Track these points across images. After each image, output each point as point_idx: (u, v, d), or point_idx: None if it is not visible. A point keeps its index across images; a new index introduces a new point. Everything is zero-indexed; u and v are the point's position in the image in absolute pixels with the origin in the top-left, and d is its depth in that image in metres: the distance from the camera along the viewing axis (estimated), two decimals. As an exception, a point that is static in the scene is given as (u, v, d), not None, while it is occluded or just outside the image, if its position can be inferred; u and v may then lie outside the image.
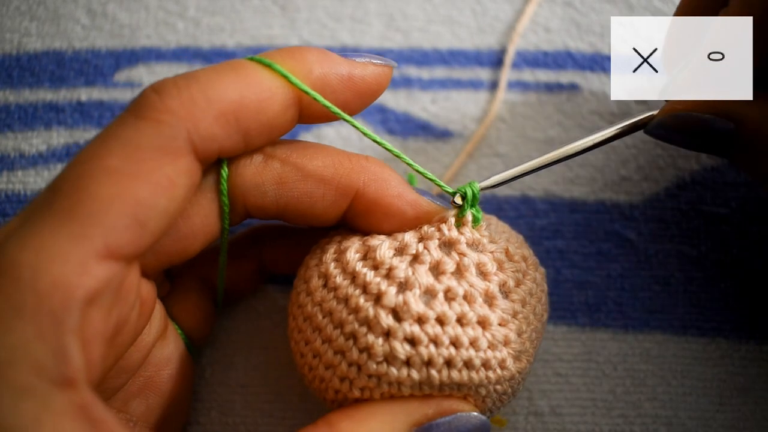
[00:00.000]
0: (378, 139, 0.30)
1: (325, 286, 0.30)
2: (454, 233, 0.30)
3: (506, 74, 0.41)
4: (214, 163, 0.28)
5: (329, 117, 0.29)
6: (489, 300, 0.29)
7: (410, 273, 0.28)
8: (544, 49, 0.41)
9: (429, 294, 0.28)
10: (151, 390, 0.31)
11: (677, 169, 0.39)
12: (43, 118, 0.40)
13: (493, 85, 0.41)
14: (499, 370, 0.29)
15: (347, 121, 0.29)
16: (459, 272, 0.29)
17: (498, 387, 0.29)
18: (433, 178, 0.30)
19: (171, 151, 0.25)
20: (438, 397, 0.28)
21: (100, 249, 0.23)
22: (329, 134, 0.40)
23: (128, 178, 0.24)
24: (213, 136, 0.26)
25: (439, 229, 0.30)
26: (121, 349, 0.27)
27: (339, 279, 0.29)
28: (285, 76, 0.27)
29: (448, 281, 0.28)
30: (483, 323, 0.28)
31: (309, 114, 0.29)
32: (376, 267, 0.29)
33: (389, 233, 0.30)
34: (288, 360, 0.35)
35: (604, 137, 0.32)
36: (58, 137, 0.40)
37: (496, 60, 0.41)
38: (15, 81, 0.41)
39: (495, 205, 0.39)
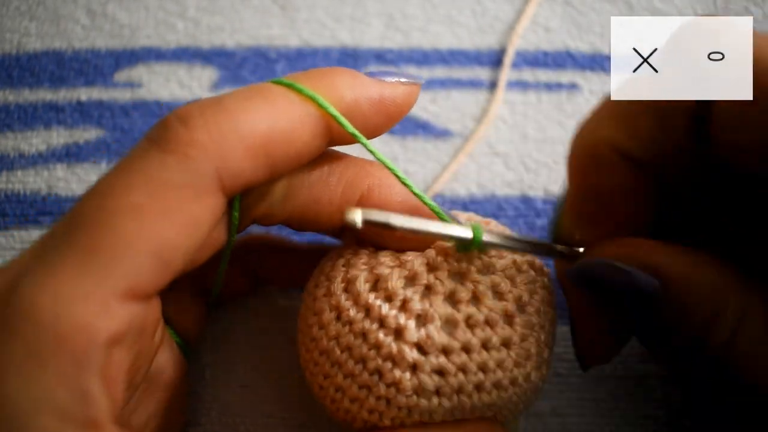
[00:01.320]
0: (401, 175, 0.28)
1: (338, 319, 0.29)
2: (464, 265, 0.29)
3: (505, 74, 0.41)
4: None
5: (354, 141, 0.28)
6: (509, 319, 0.28)
7: (428, 305, 0.28)
8: (544, 48, 0.41)
9: (450, 324, 0.28)
10: (151, 398, 0.30)
11: (677, 168, 0.39)
12: (42, 117, 0.40)
13: (493, 85, 0.41)
14: (524, 384, 0.28)
15: (375, 155, 0.28)
16: (476, 299, 0.28)
17: (524, 399, 0.29)
18: (441, 213, 0.29)
19: (198, 189, 0.23)
20: (471, 421, 0.28)
21: (122, 290, 0.22)
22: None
23: (153, 217, 0.23)
24: (241, 172, 0.24)
25: (447, 261, 0.29)
26: (139, 376, 0.26)
27: (353, 312, 0.28)
28: (317, 102, 0.26)
29: (467, 309, 0.28)
30: (507, 344, 0.28)
31: (337, 139, 0.27)
32: (389, 298, 0.28)
33: (391, 245, 0.30)
34: (288, 360, 0.35)
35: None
36: (58, 137, 0.40)
37: (496, 60, 0.41)
38: (15, 81, 0.41)
39: (495, 204, 0.39)
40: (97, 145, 0.40)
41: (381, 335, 0.28)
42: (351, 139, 0.27)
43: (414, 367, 0.27)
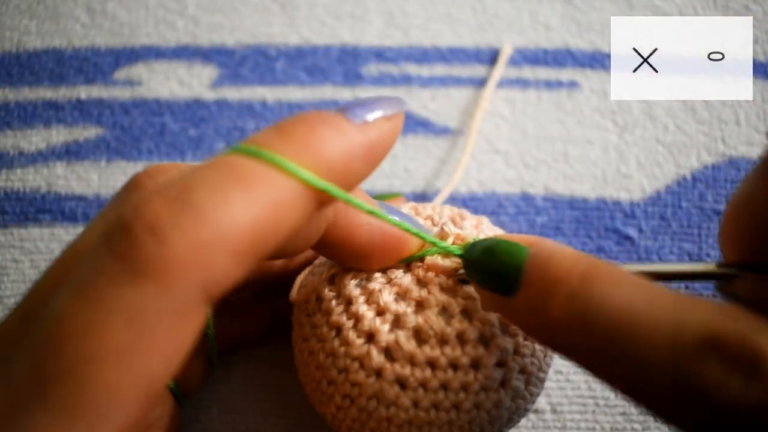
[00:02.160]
0: (406, 225, 0.27)
1: (337, 335, 0.29)
2: (452, 283, 0.29)
3: (496, 76, 0.41)
4: None
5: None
6: (486, 340, 0.28)
7: (420, 320, 0.28)
8: (544, 46, 0.41)
9: (421, 336, 0.28)
10: None
11: (678, 166, 0.39)
12: (42, 116, 0.40)
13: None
14: (493, 410, 0.28)
15: (382, 217, 0.26)
16: (468, 314, 0.28)
17: (492, 425, 0.29)
18: (447, 247, 0.28)
19: (183, 312, 0.20)
20: None
21: None
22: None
23: (139, 356, 0.19)
24: (227, 277, 0.20)
25: (438, 277, 0.29)
26: None
27: (352, 334, 0.28)
28: (307, 181, 0.21)
29: (459, 324, 0.28)
30: (476, 365, 0.28)
31: (325, 204, 0.23)
32: (380, 313, 0.28)
33: (367, 269, 0.29)
34: (288, 359, 0.35)
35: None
36: (58, 135, 0.40)
37: (495, 57, 0.41)
38: (14, 79, 0.41)
39: (495, 202, 0.39)
40: (97, 144, 0.40)
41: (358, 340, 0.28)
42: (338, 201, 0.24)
43: (424, 386, 0.27)
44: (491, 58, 0.41)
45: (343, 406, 0.28)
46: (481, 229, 0.31)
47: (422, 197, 0.39)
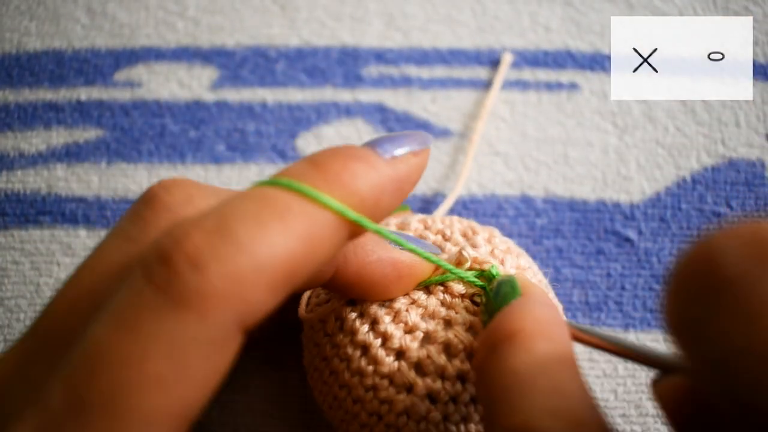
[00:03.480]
0: (419, 250, 0.28)
1: (363, 356, 0.29)
2: (472, 305, 0.29)
3: (499, 83, 0.41)
4: None
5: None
6: None
7: (450, 335, 0.28)
8: (544, 48, 0.41)
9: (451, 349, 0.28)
10: None
11: (678, 168, 0.39)
12: (42, 117, 0.40)
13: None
14: None
15: (407, 248, 0.27)
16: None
17: None
18: (466, 276, 0.29)
19: (220, 343, 0.20)
20: None
21: None
22: (329, 134, 0.40)
23: (176, 387, 0.19)
24: (262, 306, 0.21)
25: (463, 300, 0.29)
26: None
27: (380, 352, 0.29)
28: (344, 214, 0.22)
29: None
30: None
31: (355, 236, 0.24)
32: (409, 331, 0.29)
33: (383, 299, 0.30)
34: (289, 360, 0.35)
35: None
36: (58, 137, 0.40)
37: (495, 59, 0.41)
38: (14, 80, 0.41)
39: (495, 204, 0.39)
40: (97, 145, 0.40)
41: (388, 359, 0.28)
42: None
43: (455, 399, 0.28)
44: (491, 60, 0.41)
45: (369, 423, 0.29)
46: (494, 243, 0.31)
47: (423, 199, 0.39)
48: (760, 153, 0.39)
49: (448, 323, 0.29)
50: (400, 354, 0.28)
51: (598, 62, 0.41)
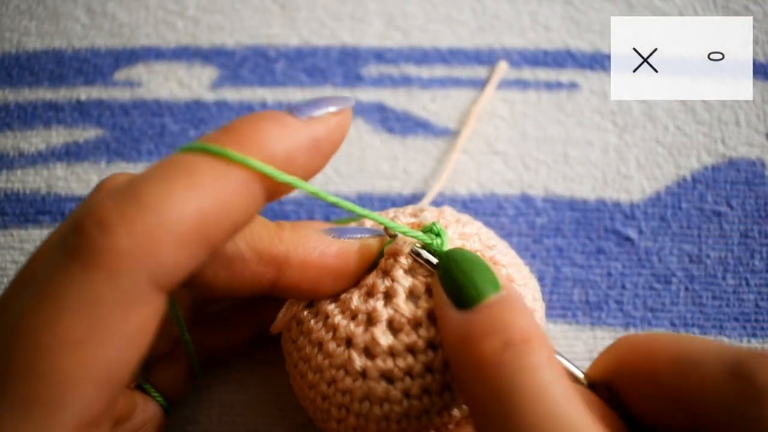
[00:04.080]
0: (342, 202, 0.27)
1: (319, 349, 0.29)
2: (411, 262, 0.29)
3: (493, 85, 0.41)
4: None
5: (291, 189, 0.25)
6: None
7: (391, 311, 0.28)
8: (544, 47, 0.41)
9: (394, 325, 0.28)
10: None
11: (678, 167, 0.39)
12: (42, 117, 0.40)
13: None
14: None
15: (317, 195, 0.26)
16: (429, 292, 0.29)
17: None
18: (402, 228, 0.29)
19: (134, 300, 0.21)
20: None
21: (73, 428, 0.20)
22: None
23: (93, 346, 0.20)
24: (177, 266, 0.21)
25: (398, 261, 0.29)
26: None
27: (331, 344, 0.29)
28: (250, 166, 0.23)
29: (427, 304, 0.28)
30: None
31: (275, 194, 0.25)
32: (353, 316, 0.29)
33: (337, 291, 0.30)
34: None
35: None
36: (58, 136, 0.40)
37: (495, 59, 0.41)
38: (14, 80, 0.41)
39: (494, 203, 0.39)
40: (97, 145, 0.40)
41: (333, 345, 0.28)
42: (289, 189, 0.25)
43: (411, 373, 0.27)
44: (491, 59, 0.41)
45: (341, 418, 0.29)
46: (444, 216, 0.31)
47: (421, 199, 0.39)
48: (760, 152, 0.39)
49: (387, 297, 0.28)
50: (348, 342, 0.28)
51: (598, 61, 0.41)
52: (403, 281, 0.28)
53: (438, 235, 0.29)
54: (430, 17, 0.42)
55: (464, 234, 0.31)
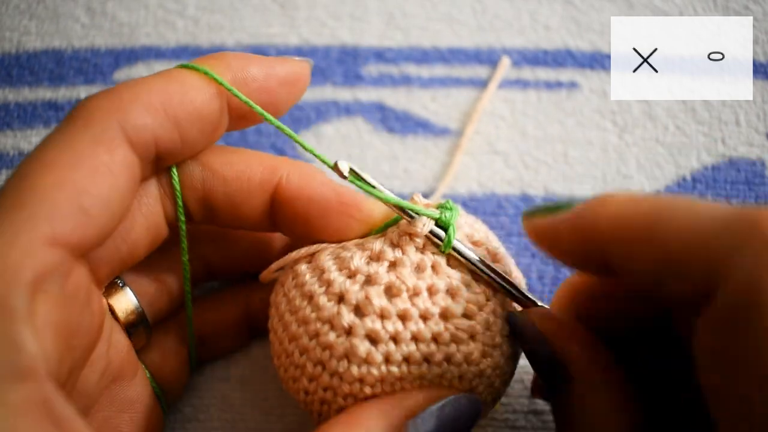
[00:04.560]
0: (296, 137, 0.30)
1: (309, 305, 0.29)
2: (425, 244, 0.29)
3: (495, 84, 0.41)
4: (155, 171, 0.29)
5: (258, 119, 0.30)
6: (454, 293, 0.29)
7: (393, 277, 0.28)
8: (544, 47, 0.41)
9: (393, 291, 0.28)
10: (115, 416, 0.30)
11: (678, 167, 0.39)
12: (42, 116, 0.40)
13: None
14: (465, 365, 0.28)
15: (268, 119, 0.29)
16: (437, 270, 0.29)
17: (469, 381, 0.29)
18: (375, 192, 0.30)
19: (105, 141, 0.26)
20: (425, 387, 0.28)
21: (46, 235, 0.23)
22: (328, 132, 0.40)
23: (66, 168, 0.25)
24: (145, 125, 0.27)
25: (413, 240, 0.29)
26: (76, 356, 0.25)
27: (323, 299, 0.29)
28: (209, 75, 0.28)
29: (430, 279, 0.29)
30: (445, 317, 0.28)
31: (238, 114, 0.30)
32: (352, 276, 0.29)
33: (330, 238, 0.30)
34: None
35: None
36: (58, 135, 0.40)
37: (495, 58, 0.41)
38: (14, 79, 0.41)
39: (494, 203, 0.39)
40: (97, 144, 0.40)
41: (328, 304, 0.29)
42: (255, 115, 0.29)
43: (396, 339, 0.28)
44: (491, 58, 0.41)
45: (315, 376, 0.29)
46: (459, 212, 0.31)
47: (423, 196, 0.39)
48: (760, 152, 0.39)
49: (393, 265, 0.29)
50: (341, 298, 0.28)
51: (598, 61, 0.41)
52: (413, 256, 0.29)
53: (450, 209, 0.29)
54: (430, 16, 0.42)
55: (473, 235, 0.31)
